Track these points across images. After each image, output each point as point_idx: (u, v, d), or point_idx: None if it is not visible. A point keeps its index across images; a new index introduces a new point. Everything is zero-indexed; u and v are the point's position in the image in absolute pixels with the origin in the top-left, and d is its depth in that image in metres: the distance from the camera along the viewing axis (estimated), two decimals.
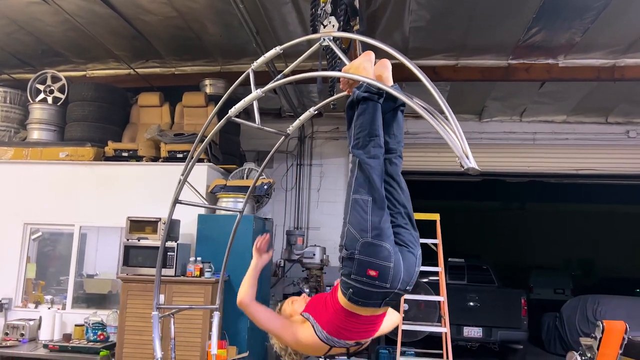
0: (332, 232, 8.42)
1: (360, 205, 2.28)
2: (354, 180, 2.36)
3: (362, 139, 2.34)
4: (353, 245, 2.25)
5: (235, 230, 3.84)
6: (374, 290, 2.24)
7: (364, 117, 2.36)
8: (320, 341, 2.37)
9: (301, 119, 3.43)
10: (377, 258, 2.22)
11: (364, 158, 2.32)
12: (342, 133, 8.80)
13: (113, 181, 5.98)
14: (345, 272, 2.28)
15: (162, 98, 6.65)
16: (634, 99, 7.67)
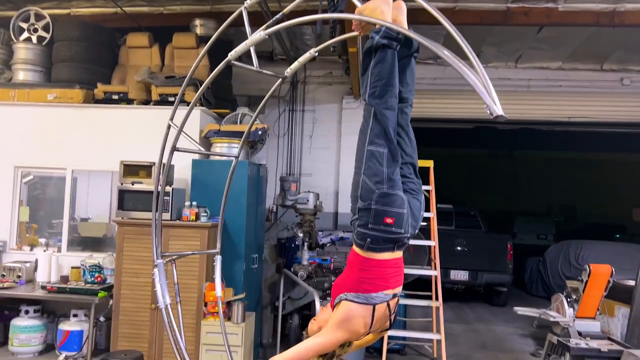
0: (324, 179, 8.47)
1: (376, 157, 2.29)
2: (369, 131, 2.33)
3: (380, 88, 2.30)
4: (369, 196, 2.28)
5: (231, 176, 3.81)
6: (389, 236, 2.32)
7: (382, 65, 2.30)
8: (361, 311, 2.33)
9: (300, 60, 3.30)
10: (393, 206, 2.28)
11: (381, 109, 2.29)
12: (335, 78, 8.67)
13: (104, 124, 5.87)
14: (362, 223, 2.32)
15: (152, 39, 6.43)
16: (630, 46, 7.61)
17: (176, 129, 3.27)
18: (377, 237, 2.32)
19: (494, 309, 9.98)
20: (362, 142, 2.37)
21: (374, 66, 2.32)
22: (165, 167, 3.46)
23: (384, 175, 2.29)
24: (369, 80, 2.34)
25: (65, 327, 5.05)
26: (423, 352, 6.64)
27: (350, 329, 2.32)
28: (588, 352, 4.25)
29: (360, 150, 2.37)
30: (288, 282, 6.24)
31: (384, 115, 2.30)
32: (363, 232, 2.33)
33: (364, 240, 2.34)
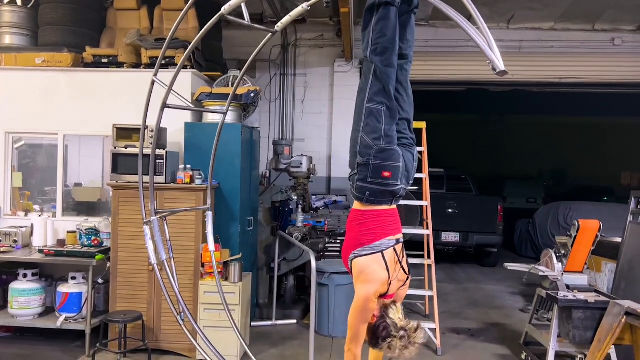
0: (317, 144, 8.49)
1: (374, 115, 2.35)
2: (368, 88, 2.37)
3: (381, 45, 2.33)
4: (368, 152, 2.36)
5: (219, 133, 3.80)
6: (387, 189, 2.41)
7: (384, 22, 2.32)
8: (373, 260, 2.44)
9: (292, 14, 3.22)
10: (390, 161, 2.37)
11: (382, 66, 2.33)
12: (326, 41, 8.59)
13: (94, 88, 5.80)
14: (361, 177, 2.40)
15: (140, 1, 6.31)
16: (622, 4, 7.58)
17: (163, 86, 3.26)
18: (376, 190, 2.41)
19: (484, 270, 10.20)
20: (362, 99, 2.41)
21: (376, 23, 2.34)
22: (156, 124, 3.47)
23: (382, 132, 2.36)
24: (370, 37, 2.36)
25: (64, 290, 5.10)
26: (416, 310, 6.82)
27: (370, 278, 2.43)
28: (575, 304, 4.38)
29: (359, 107, 2.42)
30: (283, 244, 6.33)
31: (384, 72, 2.34)
32: (362, 186, 2.41)
33: (363, 193, 2.42)
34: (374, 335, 2.48)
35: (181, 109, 3.76)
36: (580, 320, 4.39)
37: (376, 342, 2.48)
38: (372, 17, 2.38)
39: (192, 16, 6.24)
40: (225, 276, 5.04)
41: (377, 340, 2.47)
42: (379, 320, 2.47)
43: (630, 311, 4.00)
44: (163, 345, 5.05)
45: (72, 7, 6.09)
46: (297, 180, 6.54)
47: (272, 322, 6.13)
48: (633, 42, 8.26)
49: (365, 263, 2.45)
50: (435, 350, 5.34)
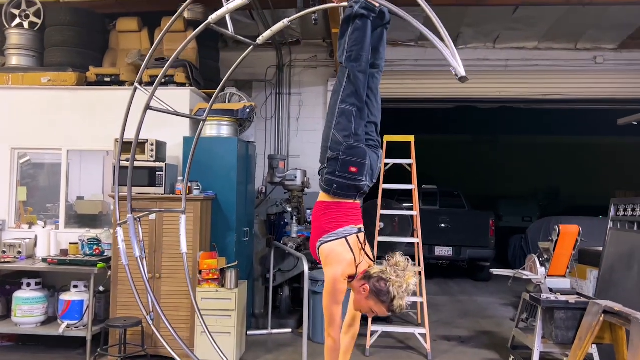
0: (311, 160, 8.68)
1: (345, 115, 2.61)
2: (341, 90, 2.63)
3: (356, 52, 2.60)
4: (337, 148, 2.60)
5: (197, 137, 3.95)
6: (353, 183, 2.65)
7: (359, 32, 2.60)
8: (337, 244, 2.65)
9: (273, 29, 3.38)
10: (357, 157, 2.62)
11: (355, 71, 2.60)
12: (320, 61, 8.92)
13: (97, 106, 6.08)
14: (330, 171, 2.64)
15: (141, 23, 6.64)
16: (601, 25, 7.94)
17: (145, 93, 3.45)
18: (342, 183, 2.64)
19: (477, 284, 10.37)
20: (335, 100, 2.66)
21: (351, 32, 2.61)
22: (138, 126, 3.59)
23: (351, 131, 2.62)
24: (346, 44, 2.63)
25: (67, 298, 5.28)
26: (408, 320, 6.97)
27: (337, 259, 2.64)
28: (557, 304, 4.58)
29: (332, 107, 2.67)
30: (278, 255, 6.53)
31: (356, 77, 2.60)
32: (330, 179, 2.65)
33: (330, 186, 2.66)
34: (382, 296, 2.56)
35: (163, 112, 3.97)
36: (562, 320, 4.58)
37: (390, 300, 2.56)
38: (349, 27, 2.64)
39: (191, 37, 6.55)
40: (222, 283, 5.24)
41: (388, 297, 2.54)
42: (369, 282, 2.63)
43: (607, 309, 4.19)
44: (161, 350, 5.20)
45: (76, 29, 6.41)
46: (291, 193, 6.77)
47: (267, 331, 6.29)
48: (614, 60, 8.60)
49: (331, 247, 2.66)
50: (426, 355, 5.51)
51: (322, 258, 2.69)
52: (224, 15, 3.01)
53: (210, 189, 5.62)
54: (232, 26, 3.23)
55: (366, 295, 2.67)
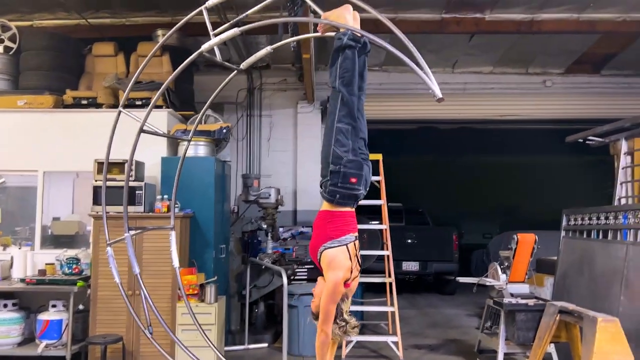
0: (283, 179, 9.01)
1: (343, 132, 2.95)
2: (337, 112, 2.96)
3: (347, 78, 2.95)
4: (339, 162, 2.93)
5: (182, 159, 4.13)
6: (353, 192, 2.98)
7: (349, 61, 2.95)
8: (339, 251, 2.93)
9: (256, 55, 3.64)
10: (356, 169, 2.96)
11: (347, 95, 2.95)
12: (290, 85, 9.27)
13: (74, 128, 6.19)
14: (333, 182, 2.96)
15: (117, 48, 6.83)
16: (549, 52, 8.62)
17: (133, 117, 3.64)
18: (344, 193, 2.96)
19: (444, 297, 10.76)
20: (332, 120, 2.99)
21: (342, 61, 2.96)
22: (132, 148, 3.77)
23: (349, 146, 2.95)
24: (337, 72, 2.97)
25: (45, 317, 5.31)
26: (380, 331, 7.23)
27: (339, 265, 2.94)
28: (517, 307, 4.97)
29: (330, 127, 3.00)
30: (254, 272, 6.71)
31: (349, 99, 2.95)
32: (334, 190, 2.96)
33: (334, 196, 2.97)
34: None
35: (155, 134, 4.18)
36: (522, 322, 4.96)
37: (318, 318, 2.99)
38: (339, 56, 2.99)
39: (166, 61, 6.81)
40: (202, 298, 5.39)
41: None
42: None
43: (562, 309, 4.59)
44: None
45: (52, 53, 6.55)
46: (266, 210, 7.00)
47: (244, 346, 6.43)
48: (562, 84, 9.31)
49: (334, 253, 2.96)
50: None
51: (325, 262, 2.98)
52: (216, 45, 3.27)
53: (188, 207, 5.80)
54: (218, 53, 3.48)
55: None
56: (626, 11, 7.09)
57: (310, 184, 9.00)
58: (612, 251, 4.95)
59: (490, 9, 7.18)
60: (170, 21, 7.46)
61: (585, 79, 9.28)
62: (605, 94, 9.11)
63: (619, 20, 7.27)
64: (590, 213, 5.45)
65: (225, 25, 3.35)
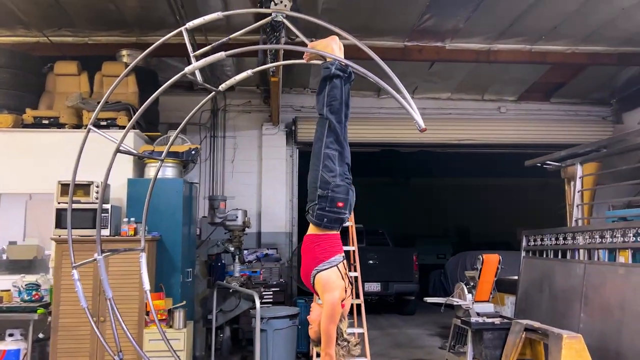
0: (247, 201, 8.94)
1: (330, 158, 3.01)
2: (324, 138, 3.03)
3: (334, 106, 3.03)
4: (327, 187, 2.98)
5: (154, 180, 4.10)
6: (339, 216, 3.04)
7: (337, 89, 3.04)
8: (332, 272, 2.95)
9: (237, 78, 3.68)
10: (342, 194, 3.02)
11: (335, 122, 3.03)
12: (254, 106, 9.30)
13: (35, 148, 5.97)
14: (321, 207, 3.00)
15: (80, 67, 6.68)
16: (504, 80, 9.08)
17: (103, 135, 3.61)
18: (332, 217, 3.02)
19: (404, 317, 10.88)
20: (319, 146, 3.05)
21: (330, 89, 3.05)
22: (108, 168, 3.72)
23: (337, 172, 3.02)
24: (325, 99, 3.04)
25: (1, 347, 5.03)
26: None
27: (334, 286, 2.96)
28: (485, 326, 5.12)
29: (317, 152, 3.05)
30: (219, 296, 6.60)
31: (336, 126, 3.03)
32: (322, 214, 3.00)
33: (321, 220, 3.01)
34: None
35: (132, 154, 4.14)
36: (489, 340, 5.11)
37: (319, 343, 2.97)
38: (327, 85, 3.07)
39: (132, 82, 6.72)
40: (170, 323, 5.26)
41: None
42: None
43: (528, 327, 4.78)
44: None
45: (11, 71, 6.34)
46: (232, 233, 6.92)
47: None
48: (515, 110, 9.78)
49: (327, 274, 2.99)
50: None
51: (320, 285, 2.99)
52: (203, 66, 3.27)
53: (155, 230, 5.67)
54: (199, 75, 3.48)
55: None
56: (574, 44, 7.58)
57: (274, 205, 9.01)
58: (570, 270, 5.22)
59: (451, 38, 7.51)
60: (136, 41, 7.38)
61: (536, 106, 9.79)
62: (554, 120, 9.63)
63: (567, 52, 7.76)
64: (549, 234, 5.71)
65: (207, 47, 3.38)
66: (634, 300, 4.29)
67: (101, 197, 3.73)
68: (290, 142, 9.25)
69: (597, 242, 4.89)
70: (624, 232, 4.52)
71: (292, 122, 9.16)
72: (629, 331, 4.27)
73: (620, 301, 4.44)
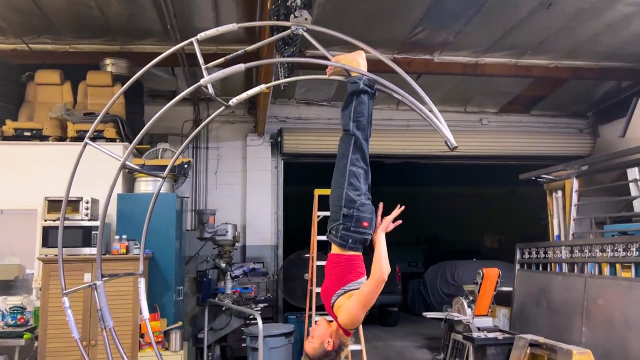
0: (231, 213, 8.73)
1: (355, 176, 2.89)
2: (350, 155, 2.91)
3: (361, 122, 2.93)
4: (352, 205, 2.85)
5: (155, 198, 3.86)
6: (364, 237, 2.90)
7: (364, 105, 2.94)
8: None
9: (249, 92, 3.44)
10: (368, 213, 2.89)
11: (361, 139, 2.92)
12: (238, 117, 9.11)
13: (16, 162, 5.66)
14: (346, 227, 2.86)
15: (62, 76, 6.38)
16: (486, 92, 9.20)
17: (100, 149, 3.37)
18: (356, 238, 2.88)
19: (386, 329, 10.83)
20: (344, 163, 2.93)
21: (357, 105, 2.94)
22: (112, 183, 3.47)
23: (362, 190, 2.90)
24: (352, 115, 2.93)
25: None
26: None
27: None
28: (488, 341, 5.11)
29: (342, 170, 2.93)
30: (210, 313, 6.39)
31: (362, 143, 2.93)
32: (346, 234, 2.87)
33: (346, 241, 2.88)
34: (325, 357, 2.79)
35: (138, 171, 3.92)
36: (493, 355, 5.10)
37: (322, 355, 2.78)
38: (353, 100, 2.96)
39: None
40: (166, 346, 5.03)
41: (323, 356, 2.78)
42: (332, 351, 2.83)
43: (533, 342, 4.78)
44: None
45: None
46: (222, 248, 6.73)
47: None
48: (496, 122, 9.92)
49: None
50: None
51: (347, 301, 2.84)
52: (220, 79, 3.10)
53: (147, 247, 5.43)
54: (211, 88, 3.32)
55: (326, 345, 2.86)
56: (558, 58, 7.75)
57: (259, 218, 8.82)
58: (570, 283, 5.26)
59: (440, 51, 7.55)
60: (119, 50, 7.12)
61: (516, 118, 9.96)
62: (534, 132, 9.81)
63: (551, 66, 7.93)
64: (545, 247, 5.77)
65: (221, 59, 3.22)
66: (638, 314, 4.34)
67: (103, 215, 3.50)
68: (276, 153, 9.10)
69: (597, 256, 4.95)
70: (626, 247, 4.58)
71: (278, 133, 9.02)
72: (636, 344, 4.32)
73: (625, 315, 4.49)
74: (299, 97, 9.30)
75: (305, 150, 9.08)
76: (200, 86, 3.24)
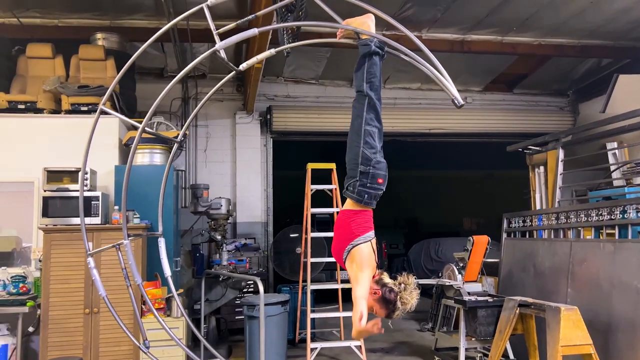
0: (221, 191, 8.78)
1: (371, 135, 3.04)
2: (364, 114, 3.05)
3: (374, 83, 3.08)
4: (368, 163, 3.00)
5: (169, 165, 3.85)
6: (378, 192, 3.07)
7: (376, 67, 3.08)
8: (367, 247, 2.96)
9: (259, 57, 3.50)
10: (383, 170, 3.06)
11: (374, 99, 3.06)
12: (226, 95, 9.14)
13: (10, 134, 5.64)
14: (362, 183, 3.02)
15: (54, 50, 6.33)
16: (471, 70, 9.39)
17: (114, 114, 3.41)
18: (372, 193, 3.05)
19: None
20: (359, 123, 3.07)
21: (369, 66, 3.08)
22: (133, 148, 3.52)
23: (377, 148, 3.05)
24: (365, 76, 3.07)
25: None
26: (331, 339, 7.32)
27: (370, 263, 2.97)
28: (478, 304, 5.34)
29: (357, 129, 3.07)
30: (205, 285, 6.49)
31: (375, 103, 3.07)
32: (362, 190, 3.03)
33: (362, 196, 3.04)
34: (388, 304, 2.92)
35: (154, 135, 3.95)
36: (483, 317, 5.33)
37: (393, 310, 2.87)
38: (366, 61, 3.09)
39: (111, 66, 6.45)
40: (167, 312, 5.13)
41: (393, 307, 2.86)
42: (382, 290, 2.96)
43: (522, 303, 5.01)
44: None
45: None
46: (217, 221, 6.82)
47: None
48: (480, 100, 10.15)
49: (364, 250, 3.01)
50: None
51: (355, 257, 2.98)
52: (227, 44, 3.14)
53: (145, 218, 5.51)
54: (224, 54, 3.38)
55: (375, 298, 2.99)
56: (542, 35, 7.96)
57: (249, 195, 8.91)
58: (556, 249, 5.52)
59: (428, 28, 7.70)
60: (109, 24, 7.07)
61: (500, 97, 10.20)
62: (516, 110, 10.07)
63: (535, 44, 8.14)
64: (531, 215, 6.01)
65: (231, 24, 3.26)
66: (623, 272, 4.60)
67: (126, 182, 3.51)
68: (265, 131, 9.17)
69: (582, 221, 5.20)
70: (610, 210, 4.83)
71: (267, 111, 9.07)
72: (619, 302, 4.58)
73: (609, 275, 4.75)
74: (287, 74, 9.36)
75: (294, 128, 9.17)
76: (215, 51, 3.30)
